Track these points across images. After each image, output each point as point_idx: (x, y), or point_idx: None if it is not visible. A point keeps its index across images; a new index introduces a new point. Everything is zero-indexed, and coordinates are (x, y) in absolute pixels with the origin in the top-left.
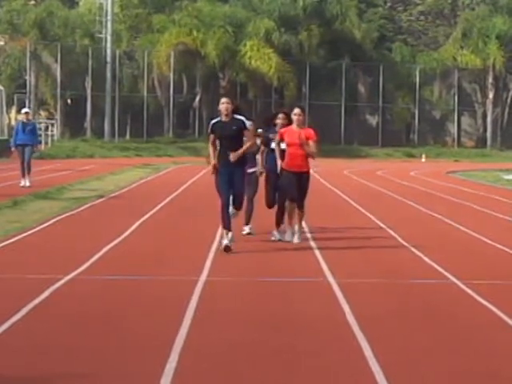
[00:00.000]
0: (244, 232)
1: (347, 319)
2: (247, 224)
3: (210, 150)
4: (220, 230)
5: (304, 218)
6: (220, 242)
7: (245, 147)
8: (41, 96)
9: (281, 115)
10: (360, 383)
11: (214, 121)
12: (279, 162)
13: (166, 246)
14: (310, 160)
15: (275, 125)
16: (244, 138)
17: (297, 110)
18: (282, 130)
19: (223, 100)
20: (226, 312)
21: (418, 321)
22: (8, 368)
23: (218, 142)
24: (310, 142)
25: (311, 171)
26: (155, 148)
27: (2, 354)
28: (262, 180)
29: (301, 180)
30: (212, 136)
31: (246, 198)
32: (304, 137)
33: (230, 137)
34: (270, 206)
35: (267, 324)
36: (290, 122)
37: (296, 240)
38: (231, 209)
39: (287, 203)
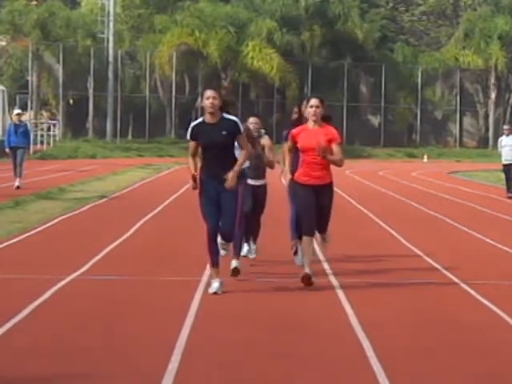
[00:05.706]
0: (242, 253)
1: (349, 319)
2: (247, 242)
3: (190, 161)
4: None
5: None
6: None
7: (241, 160)
8: (43, 96)
9: (295, 109)
10: (362, 383)
11: (194, 123)
12: (287, 173)
13: (168, 246)
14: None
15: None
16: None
17: (314, 101)
18: (294, 130)
19: (208, 93)
20: (227, 312)
21: (420, 321)
22: (8, 368)
23: (201, 152)
24: (334, 147)
25: None
26: (157, 148)
27: (3, 354)
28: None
29: (321, 196)
30: (193, 143)
31: (251, 218)
32: (324, 143)
33: (218, 145)
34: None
35: (269, 324)
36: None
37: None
38: (219, 239)
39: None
